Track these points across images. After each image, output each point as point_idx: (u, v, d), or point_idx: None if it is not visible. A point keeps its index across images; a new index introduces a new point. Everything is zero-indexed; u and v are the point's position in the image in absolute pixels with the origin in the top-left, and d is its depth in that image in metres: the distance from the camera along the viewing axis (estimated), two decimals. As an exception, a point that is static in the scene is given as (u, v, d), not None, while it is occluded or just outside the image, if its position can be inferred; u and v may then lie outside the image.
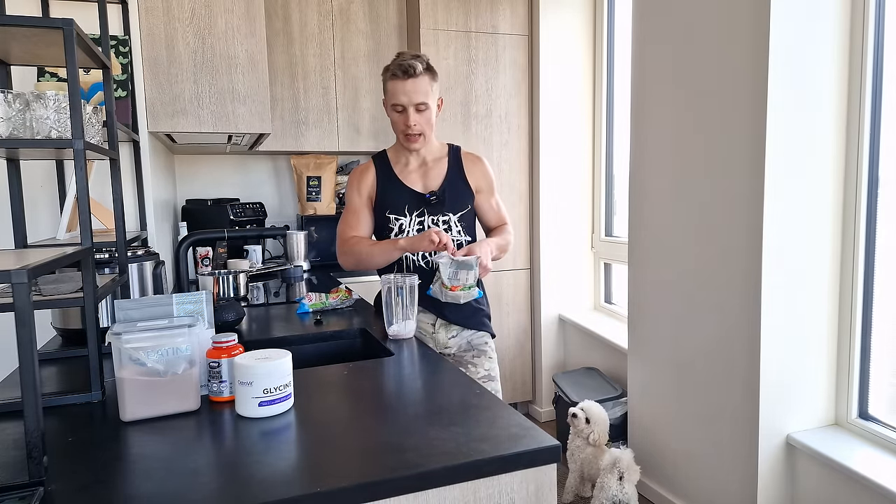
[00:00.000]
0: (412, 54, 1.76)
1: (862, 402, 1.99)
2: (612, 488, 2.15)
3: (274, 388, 1.10)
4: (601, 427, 2.39)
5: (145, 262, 1.72)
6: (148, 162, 2.20)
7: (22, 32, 1.18)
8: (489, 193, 1.93)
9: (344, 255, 1.85)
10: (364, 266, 1.84)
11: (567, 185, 3.33)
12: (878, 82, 1.89)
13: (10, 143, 1.16)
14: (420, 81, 1.74)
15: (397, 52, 1.80)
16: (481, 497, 0.93)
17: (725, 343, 2.09)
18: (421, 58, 1.75)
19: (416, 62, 1.73)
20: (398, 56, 1.76)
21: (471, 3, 3.16)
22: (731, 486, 2.11)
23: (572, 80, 3.28)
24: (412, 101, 1.74)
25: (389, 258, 1.79)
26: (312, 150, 3.21)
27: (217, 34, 2.33)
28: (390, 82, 1.76)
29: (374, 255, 1.80)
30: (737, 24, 1.97)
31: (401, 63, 1.73)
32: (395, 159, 1.90)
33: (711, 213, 2.12)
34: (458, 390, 1.22)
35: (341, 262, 1.87)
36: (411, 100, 1.74)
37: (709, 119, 2.10)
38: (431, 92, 1.77)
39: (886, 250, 1.91)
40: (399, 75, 1.73)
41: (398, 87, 1.74)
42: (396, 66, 1.73)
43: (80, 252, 1.15)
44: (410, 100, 1.74)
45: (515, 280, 3.37)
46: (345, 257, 1.85)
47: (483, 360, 1.89)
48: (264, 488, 0.84)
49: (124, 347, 1.09)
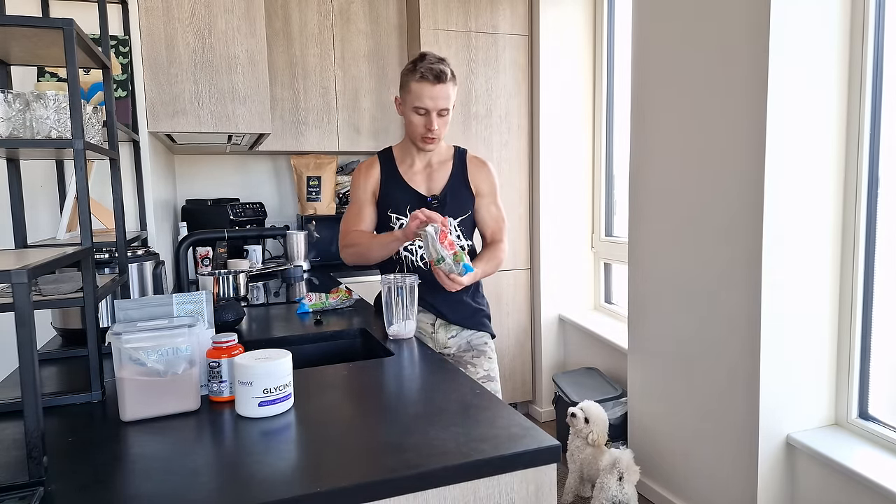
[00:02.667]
0: (438, 57, 1.73)
1: (862, 402, 1.99)
2: (611, 488, 2.15)
3: (274, 388, 1.10)
4: (600, 427, 2.39)
5: (145, 262, 1.72)
6: (148, 162, 2.20)
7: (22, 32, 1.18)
8: (490, 199, 1.89)
9: (345, 249, 1.85)
10: (364, 260, 1.82)
11: (567, 185, 3.33)
12: (878, 82, 1.89)
13: (10, 143, 1.16)
14: (447, 87, 1.72)
15: (421, 53, 1.76)
16: (481, 497, 0.93)
17: (725, 343, 2.09)
18: (446, 62, 1.73)
19: (446, 67, 1.71)
20: (424, 58, 1.73)
21: (471, 3, 3.16)
22: (731, 486, 2.11)
23: (572, 80, 3.28)
24: (437, 106, 1.72)
25: (389, 250, 1.75)
26: (312, 150, 3.21)
27: (217, 34, 2.33)
28: (416, 84, 1.72)
29: (372, 248, 1.77)
30: (736, 24, 1.97)
31: (431, 67, 1.70)
32: (400, 158, 1.89)
33: (711, 212, 2.12)
34: (458, 390, 1.22)
35: (343, 255, 1.86)
36: (437, 105, 1.72)
37: (709, 119, 2.10)
38: (453, 97, 1.76)
39: (886, 250, 1.91)
40: (429, 79, 1.70)
41: (425, 91, 1.71)
42: (427, 70, 1.70)
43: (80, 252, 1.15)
44: (436, 105, 1.72)
45: (515, 280, 3.37)
46: (346, 250, 1.84)
47: (482, 361, 1.89)
48: (264, 488, 0.84)
49: (124, 347, 1.09)
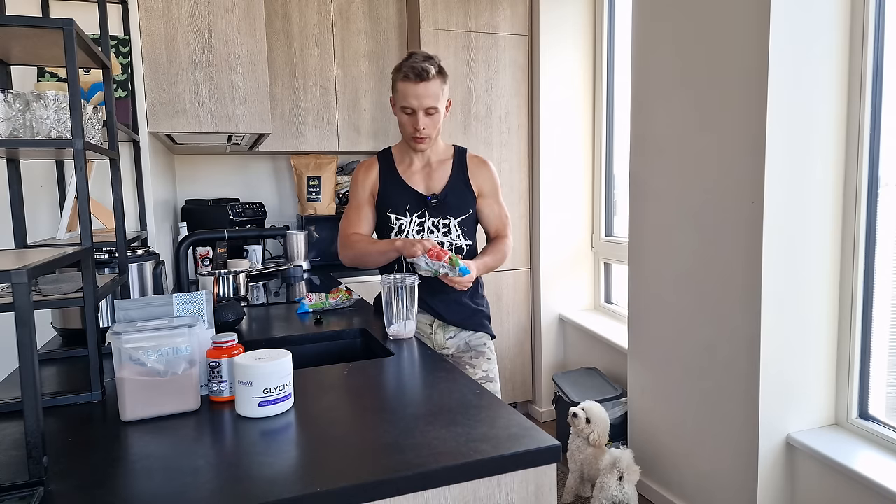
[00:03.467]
0: (424, 55, 1.72)
1: (862, 402, 1.99)
2: (611, 488, 2.15)
3: (274, 388, 1.10)
4: (601, 427, 2.39)
5: (145, 262, 1.72)
6: (148, 162, 2.20)
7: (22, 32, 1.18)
8: (492, 198, 1.90)
9: (344, 251, 1.85)
10: (362, 263, 1.83)
11: (567, 185, 3.33)
12: (878, 82, 1.89)
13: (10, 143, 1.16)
14: (432, 85, 1.71)
15: (409, 52, 1.76)
16: (481, 497, 0.93)
17: (726, 343, 2.09)
18: (433, 59, 1.72)
19: (430, 65, 1.70)
20: (410, 57, 1.72)
21: (471, 2, 3.16)
22: (731, 486, 2.11)
23: (572, 80, 3.28)
24: (422, 104, 1.72)
25: (387, 258, 1.78)
26: (312, 150, 3.21)
27: (217, 34, 2.32)
28: (401, 83, 1.72)
29: (370, 254, 1.79)
30: (737, 24, 1.96)
31: (413, 65, 1.69)
32: (399, 158, 1.89)
33: (711, 212, 2.12)
34: (458, 390, 1.22)
35: (341, 257, 1.86)
36: (422, 104, 1.72)
37: (709, 118, 2.10)
38: (442, 95, 1.75)
39: (886, 250, 1.91)
40: (411, 78, 1.69)
41: (409, 90, 1.71)
42: (409, 69, 1.69)
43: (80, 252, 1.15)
44: (421, 104, 1.72)
45: (515, 280, 3.37)
46: (344, 252, 1.85)
47: (481, 362, 1.88)
48: (264, 488, 0.84)
49: (124, 347, 1.09)
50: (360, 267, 1.84)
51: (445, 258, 1.63)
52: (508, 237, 1.92)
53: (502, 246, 1.89)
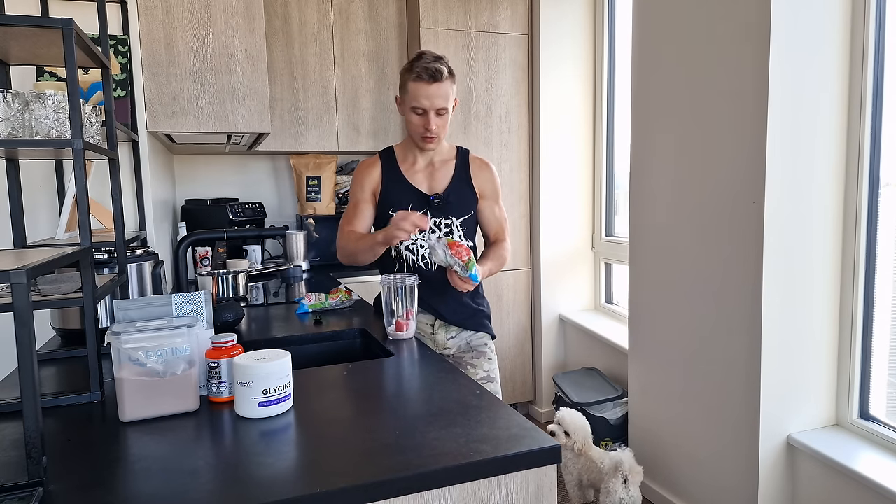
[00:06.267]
0: (434, 56, 1.72)
1: (863, 402, 1.99)
2: (618, 492, 2.14)
3: (273, 389, 1.10)
4: (581, 434, 2.33)
5: (144, 262, 1.72)
6: (147, 162, 2.19)
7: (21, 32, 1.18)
8: (493, 200, 1.90)
9: (339, 248, 1.86)
10: (354, 260, 1.82)
11: (567, 185, 3.33)
12: (878, 81, 1.89)
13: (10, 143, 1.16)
14: (444, 86, 1.71)
15: (418, 52, 1.76)
16: (481, 497, 0.93)
17: (726, 343, 2.09)
18: (443, 60, 1.73)
19: (442, 66, 1.70)
20: (421, 57, 1.72)
21: (471, 2, 3.15)
22: (731, 486, 2.11)
23: (572, 80, 3.28)
24: (434, 105, 1.72)
25: (374, 253, 1.75)
26: (312, 149, 3.21)
27: (216, 34, 2.32)
28: (413, 84, 1.72)
29: (358, 250, 1.77)
30: (737, 23, 1.96)
31: (427, 66, 1.69)
32: (402, 157, 1.88)
33: (712, 213, 2.12)
34: (458, 391, 1.22)
35: (338, 255, 1.87)
36: (434, 104, 1.72)
37: (709, 118, 2.10)
38: (451, 95, 1.75)
39: (887, 250, 1.90)
40: (425, 78, 1.69)
41: (421, 91, 1.71)
42: (422, 69, 1.69)
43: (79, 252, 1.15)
44: (433, 104, 1.72)
45: (515, 280, 3.37)
46: (340, 250, 1.85)
47: (482, 362, 1.88)
48: (264, 489, 0.84)
49: (123, 348, 1.08)
50: (355, 264, 1.83)
51: (465, 257, 1.62)
52: (507, 241, 1.92)
53: (502, 251, 1.89)
